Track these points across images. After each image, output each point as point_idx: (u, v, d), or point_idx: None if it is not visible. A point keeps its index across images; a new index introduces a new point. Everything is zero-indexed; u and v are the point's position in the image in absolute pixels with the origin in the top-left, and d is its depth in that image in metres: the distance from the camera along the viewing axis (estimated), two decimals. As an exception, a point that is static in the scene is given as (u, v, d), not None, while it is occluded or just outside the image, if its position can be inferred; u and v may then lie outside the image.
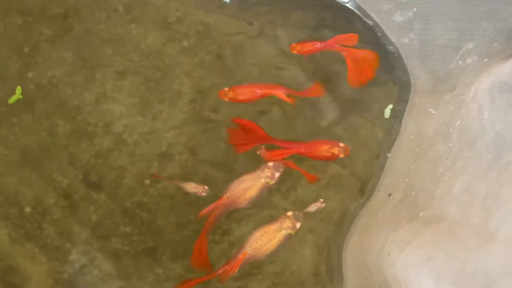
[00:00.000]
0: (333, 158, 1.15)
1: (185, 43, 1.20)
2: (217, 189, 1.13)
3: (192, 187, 1.14)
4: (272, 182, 1.13)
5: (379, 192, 1.16)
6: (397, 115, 1.18)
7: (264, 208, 1.15)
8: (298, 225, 1.11)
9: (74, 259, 1.11)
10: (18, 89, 1.14)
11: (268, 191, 1.14)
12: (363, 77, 1.18)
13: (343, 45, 1.17)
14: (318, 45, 1.17)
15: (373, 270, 1.04)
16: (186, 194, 1.14)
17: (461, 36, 1.04)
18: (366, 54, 1.17)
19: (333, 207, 1.17)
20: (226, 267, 1.08)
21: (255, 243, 1.10)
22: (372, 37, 1.19)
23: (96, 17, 1.20)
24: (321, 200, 1.16)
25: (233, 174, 1.14)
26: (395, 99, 1.19)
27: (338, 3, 1.20)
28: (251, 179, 1.12)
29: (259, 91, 1.15)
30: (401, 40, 1.16)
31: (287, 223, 1.11)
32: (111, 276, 1.12)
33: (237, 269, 1.08)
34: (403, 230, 1.03)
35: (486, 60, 0.99)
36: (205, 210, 1.11)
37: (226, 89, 1.16)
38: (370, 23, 1.19)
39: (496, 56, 0.97)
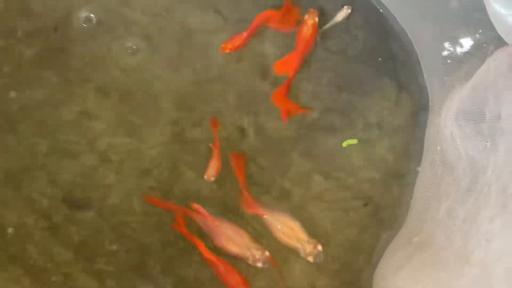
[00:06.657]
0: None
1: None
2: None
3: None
4: None
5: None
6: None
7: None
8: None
9: (59, 281, 1.11)
10: None
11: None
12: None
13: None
14: (244, 34, 1.14)
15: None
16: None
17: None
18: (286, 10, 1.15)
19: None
20: None
21: None
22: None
23: (76, 34, 1.19)
24: (346, 6, 1.14)
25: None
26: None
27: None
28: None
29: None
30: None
31: None
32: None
33: None
34: (398, 255, 1.06)
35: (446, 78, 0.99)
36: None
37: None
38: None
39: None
